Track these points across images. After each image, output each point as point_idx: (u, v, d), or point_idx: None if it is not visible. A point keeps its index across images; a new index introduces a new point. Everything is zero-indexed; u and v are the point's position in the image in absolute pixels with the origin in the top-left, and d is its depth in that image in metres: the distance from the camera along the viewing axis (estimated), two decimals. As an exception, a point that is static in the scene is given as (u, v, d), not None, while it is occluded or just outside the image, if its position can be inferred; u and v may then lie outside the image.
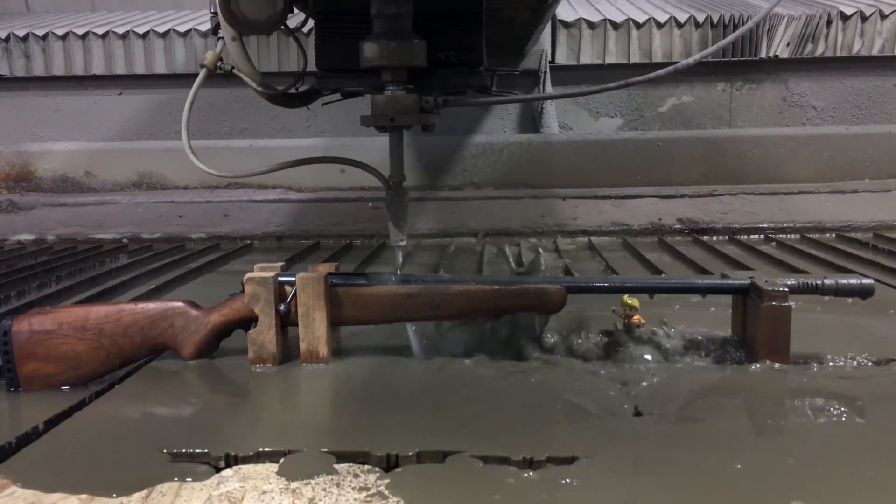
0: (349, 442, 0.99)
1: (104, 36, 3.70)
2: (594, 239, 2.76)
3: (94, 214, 3.13)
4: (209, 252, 2.62)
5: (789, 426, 1.05)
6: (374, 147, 3.53)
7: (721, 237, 2.74)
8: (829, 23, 3.71)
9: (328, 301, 1.31)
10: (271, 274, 1.32)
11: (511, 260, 2.41)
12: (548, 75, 3.65)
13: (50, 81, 3.88)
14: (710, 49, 1.55)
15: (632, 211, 3.02)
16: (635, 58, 3.81)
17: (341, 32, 1.46)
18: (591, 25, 3.79)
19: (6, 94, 3.92)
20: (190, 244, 2.74)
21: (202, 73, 1.47)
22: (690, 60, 1.52)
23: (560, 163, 3.48)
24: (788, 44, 3.73)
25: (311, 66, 1.57)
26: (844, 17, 3.72)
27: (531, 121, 3.77)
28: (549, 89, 3.65)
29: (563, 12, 3.95)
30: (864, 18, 3.72)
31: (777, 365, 1.26)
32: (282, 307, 1.30)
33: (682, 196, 3.20)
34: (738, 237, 2.71)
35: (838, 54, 3.75)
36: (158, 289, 2.02)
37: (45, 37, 3.85)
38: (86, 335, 1.28)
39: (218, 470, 0.94)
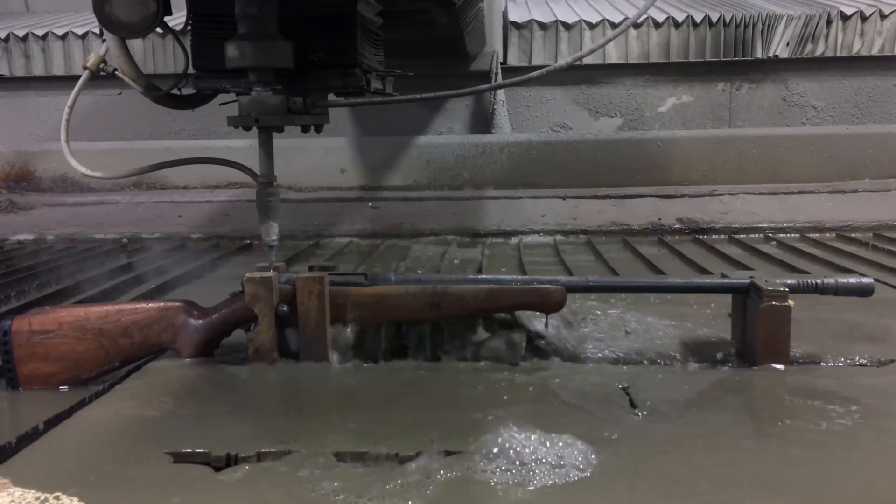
0: (356, 441, 0.99)
1: (104, 35, 3.69)
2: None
3: (94, 214, 3.13)
4: (209, 252, 2.62)
5: (789, 426, 1.04)
6: (379, 146, 3.54)
7: (721, 237, 2.74)
8: (829, 23, 3.72)
9: (328, 301, 1.31)
10: (271, 274, 1.32)
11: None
12: (499, 76, 3.66)
13: (50, 81, 3.88)
14: (585, 52, 1.57)
15: (632, 211, 3.02)
16: (587, 59, 3.81)
17: (216, 33, 1.43)
18: (543, 27, 3.79)
19: (6, 94, 3.92)
20: (190, 244, 2.74)
21: (84, 74, 1.47)
22: (563, 63, 1.53)
23: (562, 161, 3.48)
24: (788, 44, 3.73)
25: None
26: (844, 17, 3.72)
27: (483, 122, 3.78)
28: (501, 90, 3.66)
29: (515, 13, 3.97)
30: (864, 18, 3.72)
31: (777, 365, 1.26)
32: (282, 307, 1.30)
33: (681, 196, 3.20)
34: (737, 237, 2.71)
35: (838, 54, 3.75)
36: (158, 289, 2.02)
37: (44, 37, 3.86)
38: (86, 335, 1.28)
39: (217, 470, 0.94)
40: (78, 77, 1.52)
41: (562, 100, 3.93)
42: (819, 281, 1.31)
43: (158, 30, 1.43)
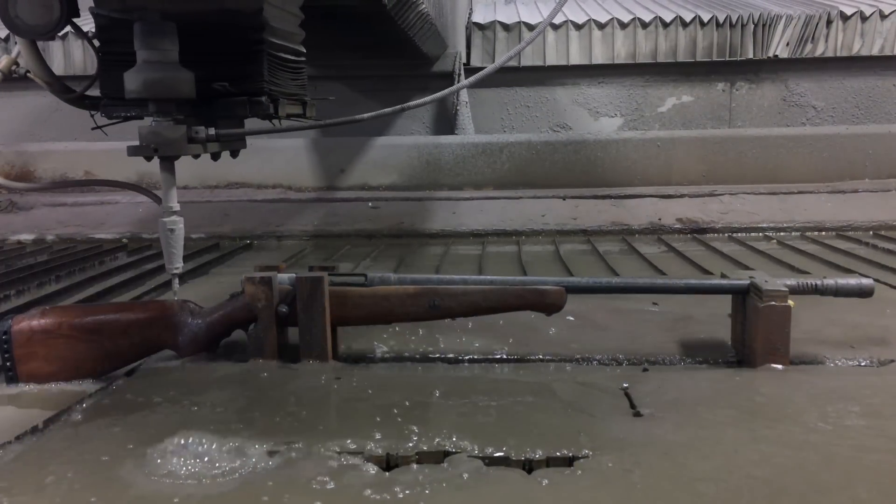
0: (349, 442, 0.99)
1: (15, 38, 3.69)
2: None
3: (94, 214, 3.13)
4: (209, 252, 2.62)
5: (789, 427, 1.04)
6: (374, 146, 3.54)
7: (721, 237, 2.74)
8: (829, 23, 3.72)
9: (328, 301, 1.31)
10: (271, 274, 1.32)
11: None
12: (462, 77, 3.67)
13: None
14: (491, 67, 1.60)
15: (631, 211, 3.02)
16: (551, 60, 3.82)
17: (122, 61, 1.42)
18: (506, 28, 3.79)
19: (6, 94, 3.92)
20: (190, 244, 2.74)
21: None
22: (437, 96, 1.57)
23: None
24: (788, 44, 3.73)
25: None
26: (844, 17, 3.72)
27: (446, 123, 3.80)
28: (464, 91, 3.68)
29: (480, 14, 3.98)
30: (864, 18, 3.72)
31: (776, 365, 1.26)
32: (282, 307, 1.30)
33: (681, 196, 3.20)
34: (737, 237, 2.71)
35: (838, 54, 3.75)
36: (158, 289, 2.02)
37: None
38: (85, 335, 1.28)
39: (218, 470, 0.94)
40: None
41: (562, 100, 3.93)
42: (819, 282, 1.31)
43: (71, 31, 1.43)
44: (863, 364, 1.32)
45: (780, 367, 1.26)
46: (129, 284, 2.08)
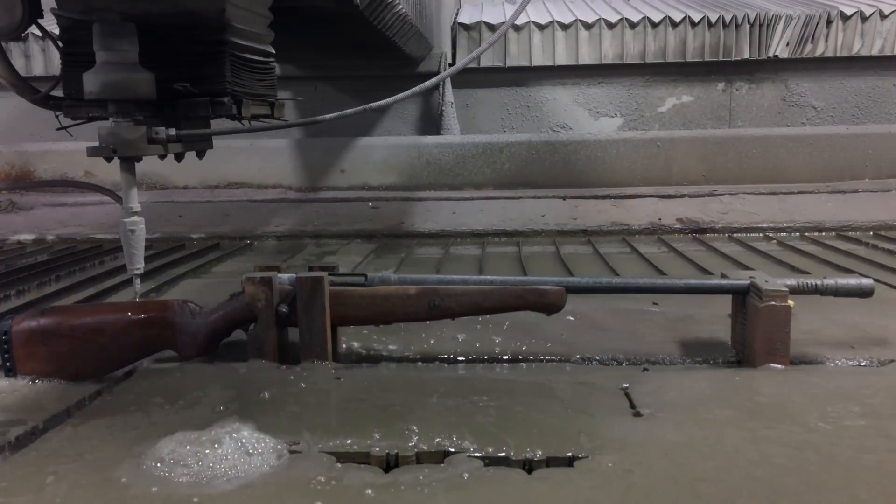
0: (349, 442, 0.99)
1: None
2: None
3: (94, 214, 3.13)
4: (209, 252, 2.62)
5: (789, 427, 1.04)
6: (375, 146, 3.54)
7: (721, 237, 2.74)
8: (829, 23, 3.72)
9: (328, 301, 1.31)
10: (271, 274, 1.32)
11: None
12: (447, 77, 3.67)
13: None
14: (427, 84, 1.63)
15: (631, 211, 3.02)
16: (537, 60, 3.82)
17: (83, 62, 1.42)
18: (492, 28, 3.79)
19: (6, 94, 3.91)
20: (190, 244, 2.74)
21: None
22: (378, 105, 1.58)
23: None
24: (788, 44, 3.73)
25: None
26: (844, 17, 3.72)
27: (432, 123, 3.81)
28: (449, 91, 3.68)
29: (466, 15, 3.97)
30: (864, 18, 3.72)
31: (776, 365, 1.26)
32: (282, 307, 1.30)
33: (681, 196, 3.20)
34: (737, 237, 2.71)
35: (838, 54, 3.75)
36: (158, 289, 2.02)
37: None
38: (86, 335, 1.28)
39: (218, 470, 0.94)
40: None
41: (562, 100, 3.93)
42: (819, 282, 1.31)
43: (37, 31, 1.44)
44: (863, 364, 1.32)
45: (780, 367, 1.26)
46: (129, 284, 2.08)
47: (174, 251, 2.61)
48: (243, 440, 0.99)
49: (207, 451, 0.96)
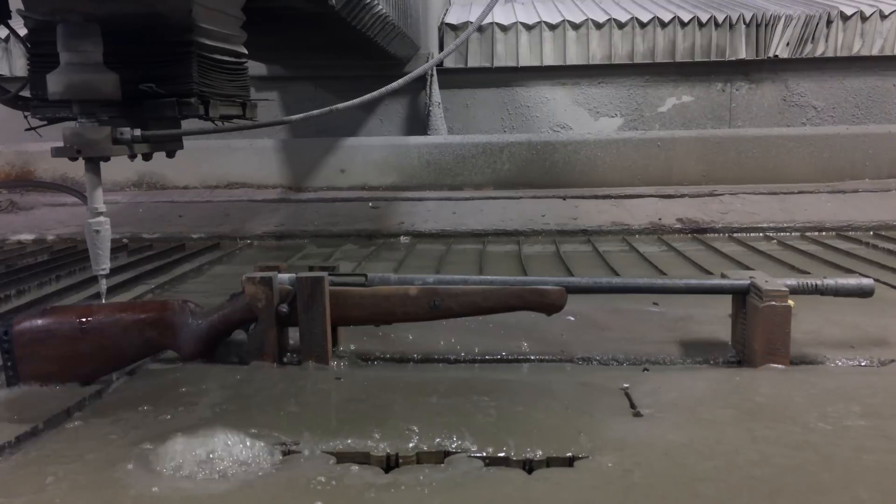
0: (349, 442, 0.99)
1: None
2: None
3: (94, 214, 3.12)
4: (209, 252, 2.62)
5: (789, 427, 1.04)
6: (372, 146, 3.54)
7: (721, 237, 2.74)
8: (829, 23, 3.72)
9: (328, 301, 1.31)
10: (271, 274, 1.32)
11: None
12: (434, 78, 3.67)
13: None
14: (394, 84, 1.62)
15: (632, 211, 3.02)
16: (525, 61, 3.82)
17: (52, 62, 1.41)
18: (479, 28, 3.78)
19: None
20: (190, 244, 2.74)
21: None
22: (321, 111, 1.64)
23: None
24: (788, 44, 3.73)
25: None
26: (844, 17, 3.72)
27: (419, 123, 3.82)
28: (436, 92, 3.68)
29: (454, 15, 3.97)
30: (864, 18, 3.72)
31: (776, 365, 1.26)
32: (282, 307, 1.30)
33: (682, 196, 3.20)
34: (737, 237, 2.71)
35: (838, 54, 3.75)
36: (158, 289, 2.02)
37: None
38: (86, 335, 1.28)
39: (218, 470, 0.94)
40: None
41: (562, 100, 3.93)
42: (819, 282, 1.31)
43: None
44: (863, 364, 1.32)
45: (780, 367, 1.26)
46: (130, 285, 2.08)
47: (174, 251, 2.61)
48: (243, 440, 0.99)
49: (208, 451, 0.96)
